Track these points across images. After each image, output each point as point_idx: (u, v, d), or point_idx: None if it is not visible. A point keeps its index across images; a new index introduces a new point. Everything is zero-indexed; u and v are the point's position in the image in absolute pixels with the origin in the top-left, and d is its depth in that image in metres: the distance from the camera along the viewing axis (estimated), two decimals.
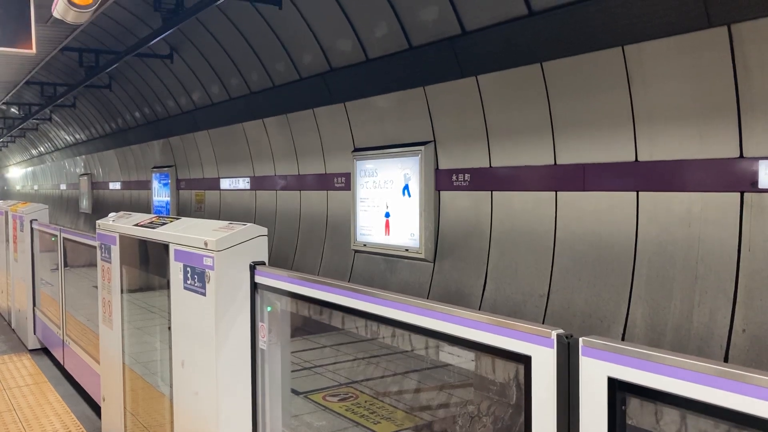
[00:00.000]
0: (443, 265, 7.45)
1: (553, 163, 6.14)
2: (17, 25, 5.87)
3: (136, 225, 4.08)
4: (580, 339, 1.51)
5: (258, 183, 11.87)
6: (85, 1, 5.26)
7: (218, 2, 7.73)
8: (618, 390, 1.45)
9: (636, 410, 1.47)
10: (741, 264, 4.71)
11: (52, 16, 5.90)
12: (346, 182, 9.07)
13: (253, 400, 3.04)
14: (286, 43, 9.46)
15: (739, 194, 4.72)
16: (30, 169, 35.27)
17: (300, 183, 10.47)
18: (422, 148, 7.51)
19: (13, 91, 18.34)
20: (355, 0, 7.83)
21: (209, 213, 13.84)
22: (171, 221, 3.79)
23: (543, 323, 5.67)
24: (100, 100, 17.99)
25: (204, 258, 3.06)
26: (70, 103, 19.57)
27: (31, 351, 7.84)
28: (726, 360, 4.70)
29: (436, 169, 7.49)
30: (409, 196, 7.73)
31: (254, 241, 3.07)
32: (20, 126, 23.85)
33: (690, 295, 5.01)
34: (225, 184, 13.16)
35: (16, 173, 39.89)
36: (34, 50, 6.13)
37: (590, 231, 5.83)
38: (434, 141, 7.49)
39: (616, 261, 5.58)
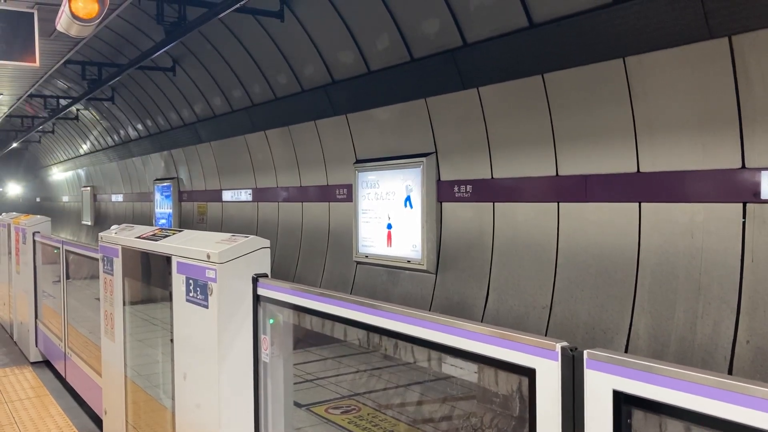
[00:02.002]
0: (445, 277, 7.43)
1: (554, 174, 6.14)
2: (21, 38, 5.91)
3: (139, 237, 4.08)
4: (585, 352, 1.50)
5: (260, 195, 11.89)
6: (89, 14, 5.29)
7: (220, 15, 7.77)
8: (623, 403, 1.44)
9: (640, 422, 1.47)
10: (744, 275, 4.70)
11: (55, 29, 5.94)
12: (348, 194, 9.08)
13: (255, 413, 3.03)
14: (288, 55, 9.50)
15: (741, 205, 4.72)
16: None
17: (302, 195, 10.49)
18: (424, 159, 7.52)
19: (17, 104, 18.42)
20: (357, 12, 7.87)
21: (211, 225, 13.85)
22: (173, 233, 3.79)
23: (546, 335, 5.66)
24: (103, 113, 18.06)
25: (206, 270, 3.06)
26: (73, 116, 19.65)
27: (33, 363, 7.82)
28: (730, 371, 4.68)
29: (438, 180, 7.49)
30: (411, 207, 7.73)
31: (257, 254, 3.07)
32: (23, 139, 23.92)
33: (693, 306, 5.00)
34: (227, 196, 13.18)
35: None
36: (37, 63, 6.17)
37: (592, 242, 5.82)
38: (436, 152, 7.50)
39: (618, 272, 5.57)
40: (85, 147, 22.33)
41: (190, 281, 3.23)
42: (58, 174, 28.88)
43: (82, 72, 13.51)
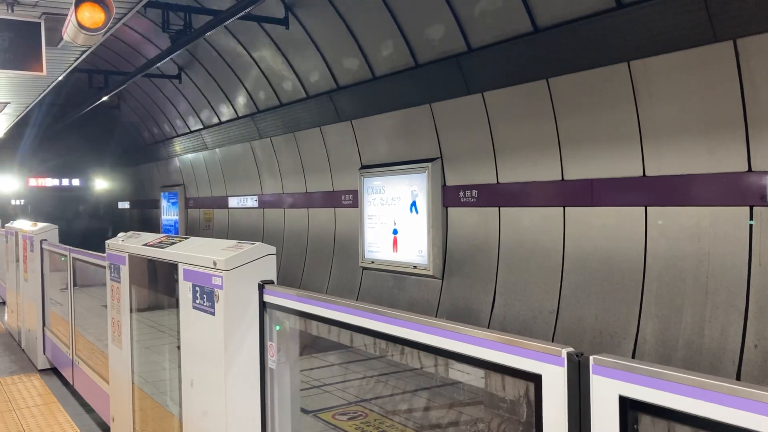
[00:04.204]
0: (451, 282, 7.42)
1: (560, 178, 6.13)
2: (28, 48, 5.94)
3: (146, 245, 4.09)
4: (591, 357, 1.50)
5: (266, 201, 11.91)
6: (95, 24, 5.32)
7: (226, 23, 7.81)
8: (630, 409, 1.44)
9: (647, 428, 1.46)
10: (752, 278, 4.68)
11: (62, 39, 5.97)
12: (354, 199, 9.09)
13: (262, 420, 3.03)
14: (293, 62, 9.53)
15: (748, 208, 4.70)
16: None
17: (308, 201, 10.50)
18: (429, 164, 7.52)
19: (24, 113, 18.53)
20: (362, 19, 7.89)
21: (217, 231, 13.88)
22: (180, 241, 3.80)
23: (553, 340, 5.65)
24: (109, 120, 18.13)
25: (213, 277, 3.07)
26: (80, 124, 19.71)
27: (41, 371, 7.83)
28: (738, 376, 4.65)
29: (443, 185, 7.49)
30: (417, 212, 7.73)
31: (263, 260, 3.07)
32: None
33: (701, 310, 4.97)
34: (233, 202, 13.21)
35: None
36: (44, 72, 6.20)
37: (599, 246, 5.80)
38: (441, 157, 7.51)
39: (625, 276, 5.55)
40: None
41: (197, 288, 3.24)
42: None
43: (88, 80, 13.59)
